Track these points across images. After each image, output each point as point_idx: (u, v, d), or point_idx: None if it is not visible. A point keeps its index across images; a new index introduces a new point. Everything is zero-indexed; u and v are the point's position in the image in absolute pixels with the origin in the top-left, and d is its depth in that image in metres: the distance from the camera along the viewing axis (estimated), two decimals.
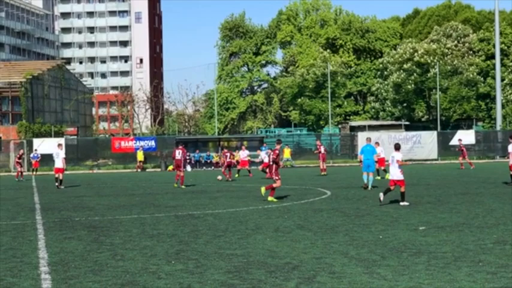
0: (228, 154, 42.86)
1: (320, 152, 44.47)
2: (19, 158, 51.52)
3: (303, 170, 56.94)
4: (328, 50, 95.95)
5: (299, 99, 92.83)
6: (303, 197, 24.64)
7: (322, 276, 9.51)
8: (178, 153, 34.82)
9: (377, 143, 33.87)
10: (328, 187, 29.88)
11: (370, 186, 27.68)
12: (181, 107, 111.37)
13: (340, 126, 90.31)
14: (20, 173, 49.66)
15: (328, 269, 10.02)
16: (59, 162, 35.63)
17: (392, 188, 20.69)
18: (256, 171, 42.88)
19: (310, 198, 23.97)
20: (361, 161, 29.43)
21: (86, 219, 18.25)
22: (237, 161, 61.29)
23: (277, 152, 24.10)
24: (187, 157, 43.14)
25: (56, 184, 35.29)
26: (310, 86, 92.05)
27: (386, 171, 35.23)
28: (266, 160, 35.97)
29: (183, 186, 33.04)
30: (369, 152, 28.62)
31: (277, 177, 23.46)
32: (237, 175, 44.48)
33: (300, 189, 29.28)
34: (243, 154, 49.49)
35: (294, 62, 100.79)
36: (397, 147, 21.30)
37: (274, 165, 23.70)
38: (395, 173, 20.74)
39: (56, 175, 35.84)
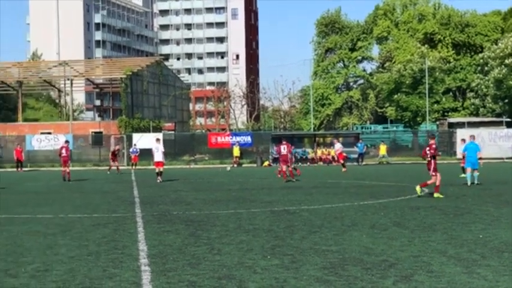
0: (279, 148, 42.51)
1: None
2: (113, 153, 52.58)
3: (399, 166, 56.27)
4: (426, 45, 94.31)
5: (395, 96, 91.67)
6: (400, 194, 24.36)
7: (419, 275, 9.40)
8: (283, 149, 35.51)
9: (463, 140, 33.59)
10: None
11: (475, 182, 27.95)
12: (277, 102, 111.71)
13: (438, 122, 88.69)
14: (116, 168, 50.81)
15: (426, 268, 9.90)
16: (159, 156, 36.19)
17: None
18: (351, 167, 42.60)
19: (407, 195, 23.67)
20: (463, 158, 29.69)
21: (184, 213, 18.55)
22: (333, 157, 61.16)
23: (434, 146, 23.74)
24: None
25: (158, 178, 35.79)
26: (407, 82, 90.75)
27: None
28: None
29: (293, 180, 34.16)
30: (473, 150, 28.79)
31: (434, 173, 23.08)
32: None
33: (396, 186, 28.98)
34: (337, 147, 49.24)
35: (390, 57, 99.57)
36: None
37: (433, 161, 23.32)
38: None
39: (157, 169, 36.48)
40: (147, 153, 58.13)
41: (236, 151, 65.12)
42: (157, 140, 38.36)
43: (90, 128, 76.63)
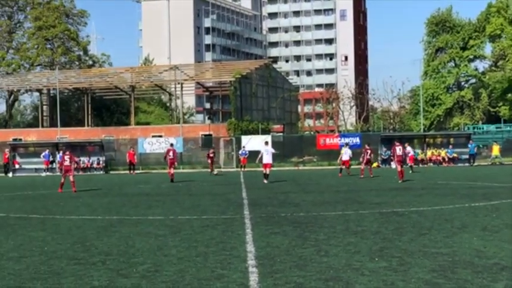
0: (369, 151, 42.34)
1: None
2: (209, 156, 53.46)
3: None
4: None
5: (509, 95, 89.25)
6: None
7: None
8: (398, 150, 36.39)
9: None
10: None
11: None
12: (386, 103, 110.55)
13: None
14: (211, 169, 52.86)
15: None
16: (268, 158, 37.21)
17: None
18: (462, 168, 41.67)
19: None
20: None
21: (292, 215, 18.61)
22: (443, 158, 60.07)
23: None
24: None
25: (264, 180, 36.55)
26: None
27: None
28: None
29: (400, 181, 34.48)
30: None
31: None
32: None
33: (509, 188, 28.21)
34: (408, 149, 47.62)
35: (504, 56, 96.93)
36: None
37: None
38: None
39: (264, 170, 37.29)
40: (255, 156, 58.68)
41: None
42: (266, 143, 39.77)
43: (200, 131, 77.82)
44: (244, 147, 62.15)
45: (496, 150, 61.33)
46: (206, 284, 9.27)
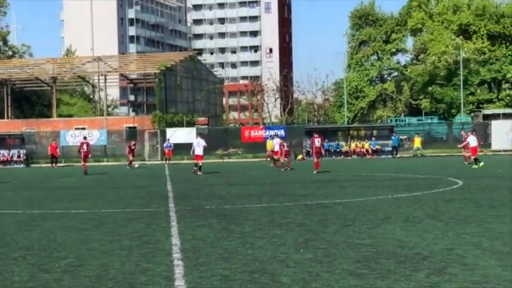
0: (285, 144, 43.16)
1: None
2: (130, 148, 52.89)
3: (434, 159, 55.89)
4: (460, 37, 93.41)
5: (430, 88, 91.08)
6: (434, 186, 24.17)
7: (453, 268, 9.30)
8: (317, 141, 37.45)
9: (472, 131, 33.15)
10: (460, 177, 29.19)
11: None
12: (311, 96, 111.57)
13: (472, 114, 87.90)
14: (130, 162, 51.68)
15: (459, 261, 9.79)
16: (199, 150, 38.13)
17: None
18: (386, 160, 42.36)
19: (441, 188, 23.49)
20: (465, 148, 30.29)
21: (217, 207, 18.56)
22: (367, 150, 60.97)
23: None
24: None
25: (194, 169, 37.96)
26: (442, 73, 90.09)
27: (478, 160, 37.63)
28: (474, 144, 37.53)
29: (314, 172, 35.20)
30: None
31: None
32: None
33: (430, 179, 28.77)
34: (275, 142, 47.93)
35: (425, 49, 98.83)
36: None
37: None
38: None
39: (196, 162, 38.37)
40: (180, 148, 58.45)
41: (270, 145, 65.04)
42: (199, 134, 41.46)
43: (124, 123, 77.13)
44: (169, 139, 61.87)
45: (417, 142, 62.53)
46: (130, 278, 9.14)
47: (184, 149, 56.39)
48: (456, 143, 56.79)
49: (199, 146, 38.19)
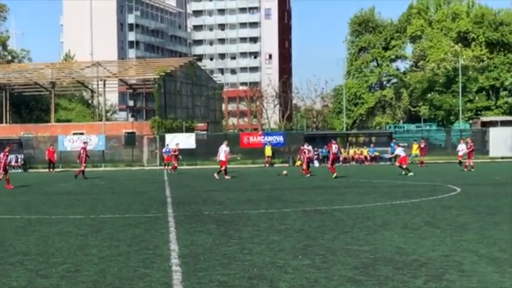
0: (306, 150, 43.24)
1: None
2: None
3: (432, 166, 55.90)
4: (459, 44, 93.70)
5: (429, 94, 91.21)
6: (432, 193, 24.18)
7: (451, 274, 9.31)
8: (335, 148, 39.76)
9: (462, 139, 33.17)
10: (458, 184, 29.21)
11: None
12: (310, 102, 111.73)
13: (471, 121, 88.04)
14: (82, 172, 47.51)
15: (457, 267, 9.80)
16: (222, 156, 40.22)
17: None
18: (385, 167, 42.36)
19: (439, 195, 23.50)
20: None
21: (215, 213, 18.55)
22: (365, 157, 61.00)
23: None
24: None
25: (226, 176, 39.32)
26: (441, 80, 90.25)
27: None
28: (403, 154, 38.59)
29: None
30: None
31: None
32: None
33: (429, 186, 28.78)
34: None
35: (424, 56, 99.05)
36: None
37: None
38: None
39: (222, 167, 40.10)
40: (180, 154, 58.38)
41: (268, 151, 65.15)
42: (225, 142, 43.01)
43: (123, 129, 77.08)
44: (168, 145, 61.77)
45: (415, 149, 62.48)
46: (128, 284, 9.13)
47: (183, 154, 56.33)
48: (454, 150, 56.83)
49: (221, 151, 40.51)
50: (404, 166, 40.11)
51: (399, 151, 41.49)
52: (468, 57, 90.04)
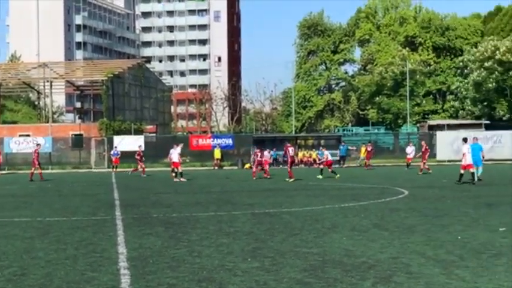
0: (259, 154, 43.57)
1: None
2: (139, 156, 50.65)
3: (380, 169, 56.45)
4: (407, 48, 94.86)
5: (377, 98, 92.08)
6: (380, 196, 24.41)
7: (398, 276, 9.40)
8: (291, 150, 40.50)
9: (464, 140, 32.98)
10: (405, 186, 29.54)
11: (476, 179, 30.64)
12: (259, 105, 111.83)
13: (418, 125, 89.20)
14: (31, 174, 44.60)
15: (404, 269, 9.90)
16: (175, 157, 40.06)
17: None
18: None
19: (387, 197, 23.73)
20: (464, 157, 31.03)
21: (164, 215, 18.47)
22: (314, 160, 61.25)
23: None
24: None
25: (173, 175, 40.11)
26: (389, 84, 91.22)
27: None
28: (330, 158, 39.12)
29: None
30: (477, 149, 32.04)
31: None
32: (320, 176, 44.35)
33: (377, 189, 29.04)
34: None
35: (372, 60, 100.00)
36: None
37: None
38: None
39: (175, 169, 40.30)
40: (128, 156, 57.95)
41: (217, 153, 65.08)
42: (176, 144, 42.45)
43: (70, 131, 76.19)
44: (116, 147, 61.26)
45: (363, 152, 62.98)
46: (75, 287, 9.03)
47: (131, 157, 55.92)
48: (402, 153, 57.49)
49: (175, 153, 40.27)
50: (330, 170, 40.80)
51: (327, 154, 42.59)
52: (415, 61, 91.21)
